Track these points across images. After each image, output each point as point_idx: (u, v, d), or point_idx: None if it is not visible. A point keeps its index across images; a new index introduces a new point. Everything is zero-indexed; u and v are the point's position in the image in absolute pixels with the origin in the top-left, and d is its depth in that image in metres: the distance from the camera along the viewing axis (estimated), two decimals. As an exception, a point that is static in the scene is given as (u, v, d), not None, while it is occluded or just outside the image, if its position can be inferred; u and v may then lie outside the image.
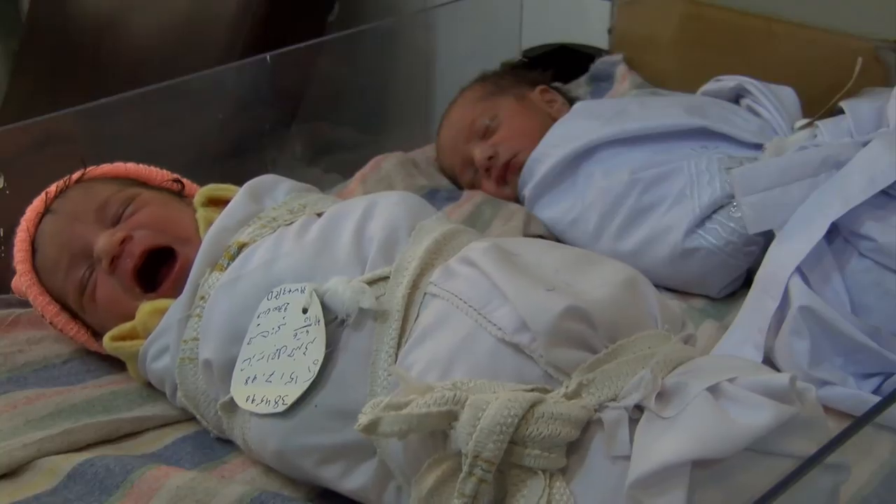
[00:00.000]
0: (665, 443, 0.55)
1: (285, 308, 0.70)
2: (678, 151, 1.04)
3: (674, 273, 1.00)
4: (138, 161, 0.94)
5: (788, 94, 1.10)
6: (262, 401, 0.69)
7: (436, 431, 0.59)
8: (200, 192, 0.88)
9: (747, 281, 0.97)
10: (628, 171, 1.02)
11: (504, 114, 1.18)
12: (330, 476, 0.69)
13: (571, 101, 1.22)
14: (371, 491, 0.68)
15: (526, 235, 1.07)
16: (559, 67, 1.34)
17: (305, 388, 0.67)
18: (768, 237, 0.93)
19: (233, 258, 0.77)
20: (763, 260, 0.90)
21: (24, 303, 0.90)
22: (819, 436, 0.60)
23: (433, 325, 0.66)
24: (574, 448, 0.59)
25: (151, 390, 0.84)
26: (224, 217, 0.80)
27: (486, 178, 1.17)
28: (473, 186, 1.19)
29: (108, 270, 0.81)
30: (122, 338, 0.82)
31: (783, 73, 1.14)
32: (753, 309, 0.87)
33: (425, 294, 0.68)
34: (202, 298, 0.76)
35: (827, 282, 0.86)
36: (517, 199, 1.15)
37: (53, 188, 0.88)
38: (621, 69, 1.38)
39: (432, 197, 1.16)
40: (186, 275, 0.81)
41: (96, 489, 0.71)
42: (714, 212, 0.98)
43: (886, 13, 1.14)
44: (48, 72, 1.70)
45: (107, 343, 0.82)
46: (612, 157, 1.06)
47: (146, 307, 0.80)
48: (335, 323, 0.69)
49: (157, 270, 0.82)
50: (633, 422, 0.58)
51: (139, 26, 1.59)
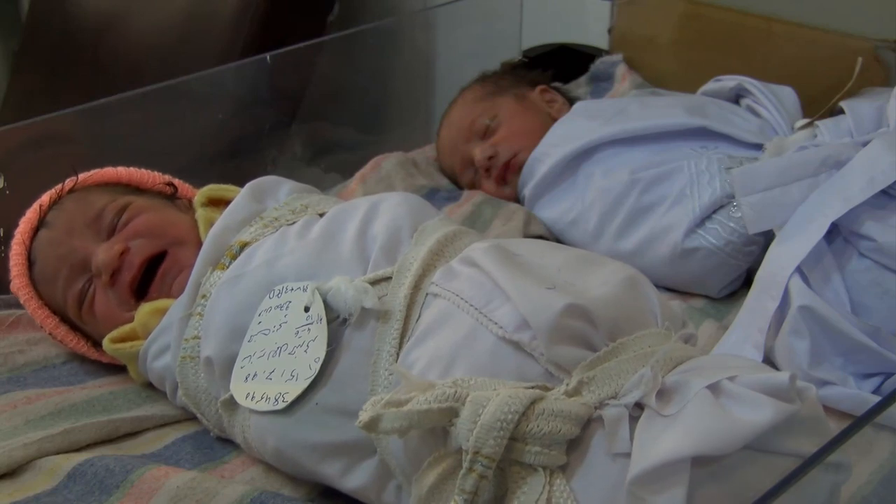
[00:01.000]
0: (665, 440, 0.55)
1: (287, 306, 0.70)
2: (678, 151, 1.04)
3: (674, 273, 1.00)
4: (138, 161, 0.94)
5: (788, 94, 1.10)
6: (263, 398, 0.69)
7: (436, 429, 0.59)
8: (201, 192, 0.88)
9: (747, 281, 0.97)
10: (628, 171, 1.02)
11: (504, 114, 1.18)
12: (330, 474, 0.69)
13: (571, 101, 1.22)
14: (371, 490, 0.68)
15: (526, 235, 1.07)
16: (559, 67, 1.34)
17: (306, 386, 0.67)
18: (768, 237, 0.93)
19: (235, 257, 0.77)
20: (763, 260, 0.90)
21: (24, 303, 0.90)
22: (819, 434, 0.60)
23: (435, 324, 0.66)
24: (574, 445, 0.59)
25: (151, 390, 0.84)
26: (226, 216, 0.81)
27: (486, 178, 1.17)
28: (473, 186, 1.19)
29: (108, 284, 0.81)
30: (122, 339, 0.82)
31: (783, 73, 1.14)
32: (753, 309, 0.87)
33: (427, 294, 0.68)
34: (203, 297, 0.76)
35: (827, 282, 0.87)
36: (517, 199, 1.15)
37: (46, 199, 0.88)
38: (621, 69, 1.38)
39: (432, 197, 1.16)
40: (173, 275, 0.81)
41: (96, 489, 0.71)
42: (714, 212, 0.98)
43: (886, 13, 1.14)
44: (48, 72, 1.70)
45: (106, 345, 0.82)
46: (613, 157, 1.06)
47: (145, 308, 0.80)
48: (337, 322, 0.69)
49: (152, 276, 0.83)
50: (634, 419, 0.58)
51: (139, 26, 1.59)
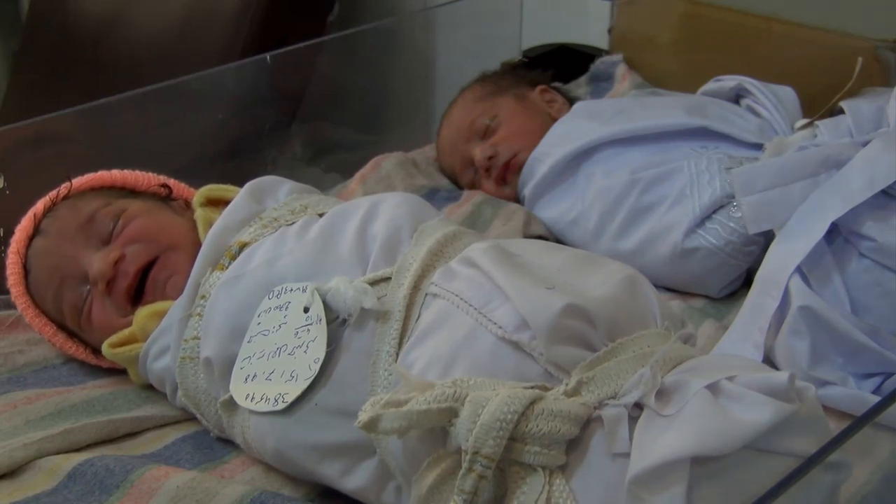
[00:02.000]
0: (665, 440, 0.55)
1: (286, 307, 0.70)
2: (678, 151, 1.04)
3: (674, 273, 1.00)
4: (138, 162, 0.94)
5: (788, 94, 1.10)
6: (262, 399, 0.69)
7: (435, 430, 0.59)
8: (200, 193, 0.88)
9: (747, 281, 0.97)
10: (628, 171, 1.02)
11: (504, 114, 1.18)
12: (330, 474, 0.69)
13: (571, 101, 1.22)
14: (371, 490, 0.68)
15: (526, 235, 1.07)
16: (559, 67, 1.34)
17: (306, 387, 0.67)
18: (768, 237, 0.93)
19: (234, 257, 0.77)
20: (763, 260, 0.90)
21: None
22: (818, 434, 0.60)
23: (434, 325, 0.66)
24: (574, 445, 0.59)
25: (151, 390, 0.84)
26: (225, 217, 0.81)
27: (486, 178, 1.17)
28: (473, 186, 1.19)
29: (105, 293, 0.81)
30: (121, 344, 0.82)
31: (783, 73, 1.14)
32: (753, 309, 0.87)
33: (426, 294, 0.68)
34: (203, 297, 0.76)
35: (827, 282, 0.86)
36: (517, 199, 1.15)
37: (41, 207, 0.88)
38: (621, 69, 1.38)
39: (432, 197, 1.16)
40: (164, 279, 0.81)
41: (96, 489, 0.71)
42: (714, 212, 0.98)
43: (886, 13, 1.14)
44: (48, 72, 1.70)
45: (106, 350, 0.82)
46: (613, 157, 1.06)
47: (143, 311, 0.80)
48: (336, 322, 0.69)
49: (145, 280, 0.83)
50: (633, 419, 0.58)
51: (139, 26, 1.59)
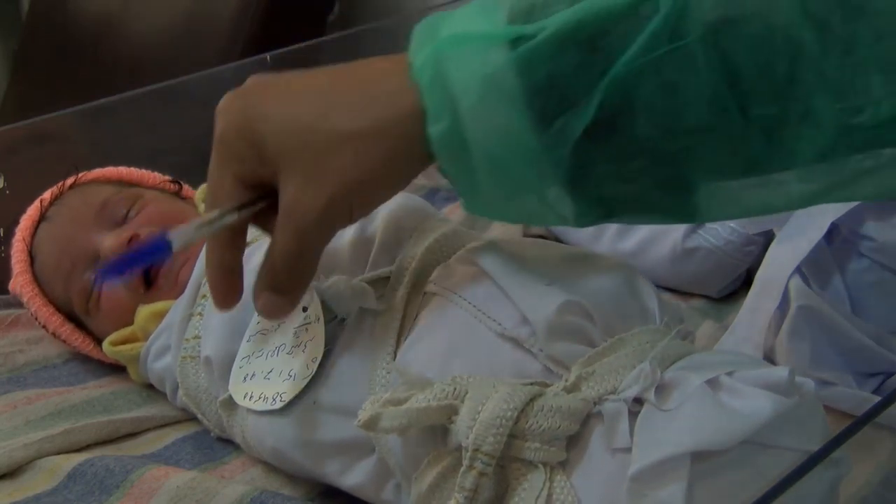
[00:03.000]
0: (665, 435, 0.55)
1: None
2: (678, 151, 1.04)
3: (674, 273, 1.00)
4: (138, 161, 0.94)
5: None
6: (261, 398, 0.69)
7: (435, 428, 0.59)
8: (201, 190, 0.88)
9: (747, 281, 0.97)
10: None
11: None
12: (328, 472, 0.69)
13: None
14: (369, 488, 0.68)
15: (526, 235, 1.07)
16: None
17: (303, 386, 0.67)
18: (768, 237, 0.93)
19: (235, 256, 0.77)
20: (763, 260, 0.90)
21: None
22: (818, 429, 0.60)
23: (432, 323, 0.66)
24: (574, 441, 0.59)
25: (151, 391, 0.85)
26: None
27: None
28: (473, 186, 1.19)
29: None
30: (122, 342, 0.82)
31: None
32: (753, 309, 0.87)
33: (425, 293, 0.68)
34: (204, 297, 0.76)
35: (827, 282, 0.86)
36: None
37: (48, 195, 0.87)
38: (621, 69, 1.38)
39: (432, 197, 1.16)
40: (181, 262, 0.81)
41: (96, 489, 0.71)
42: (714, 211, 0.98)
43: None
44: (48, 72, 1.71)
45: (106, 348, 0.82)
46: (613, 157, 1.06)
47: (143, 311, 0.80)
48: (334, 322, 0.69)
49: (158, 269, 0.82)
50: (633, 415, 0.58)
51: (139, 26, 1.59)
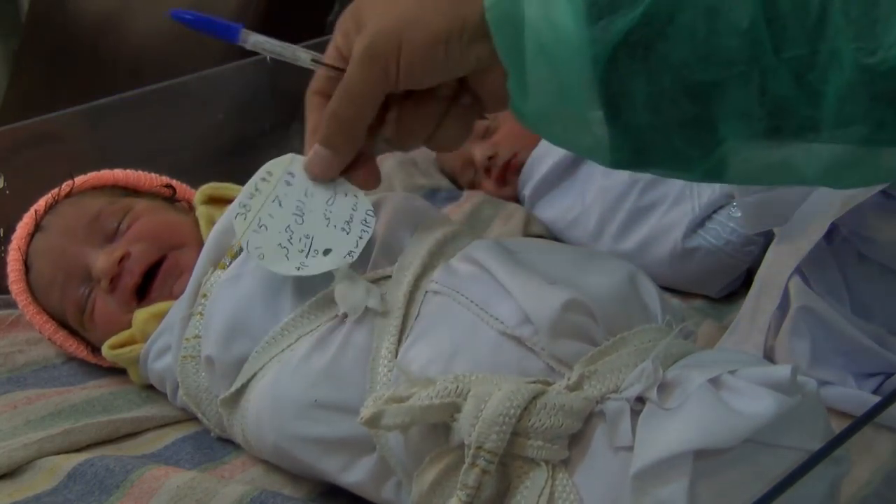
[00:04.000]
0: (668, 434, 0.55)
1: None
2: (678, 151, 1.04)
3: (674, 273, 1.00)
4: (138, 162, 0.94)
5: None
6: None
7: (437, 426, 0.59)
8: (201, 191, 0.88)
9: (747, 281, 0.97)
10: (628, 171, 1.02)
11: (505, 113, 1.18)
12: (329, 470, 0.69)
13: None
14: (370, 485, 0.68)
15: (526, 235, 1.07)
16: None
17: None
18: (768, 237, 0.93)
19: (235, 256, 0.77)
20: (763, 260, 0.90)
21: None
22: (820, 428, 0.60)
23: (435, 321, 0.66)
24: (576, 440, 0.59)
25: (151, 391, 0.85)
26: (227, 216, 0.81)
27: (486, 178, 1.17)
28: (473, 186, 1.19)
29: (108, 290, 0.81)
30: (121, 345, 0.82)
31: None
32: (753, 309, 0.87)
33: (427, 292, 0.68)
34: (204, 296, 0.76)
35: (827, 282, 0.86)
36: (517, 199, 1.15)
37: (42, 203, 0.88)
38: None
39: (432, 197, 1.16)
40: (175, 277, 0.81)
41: (96, 489, 0.71)
42: (714, 211, 0.98)
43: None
44: (48, 72, 1.71)
45: (106, 352, 0.82)
46: (613, 157, 1.06)
47: (141, 314, 0.80)
48: (336, 319, 0.69)
49: (152, 278, 0.83)
50: (635, 413, 0.58)
51: (139, 26, 1.59)
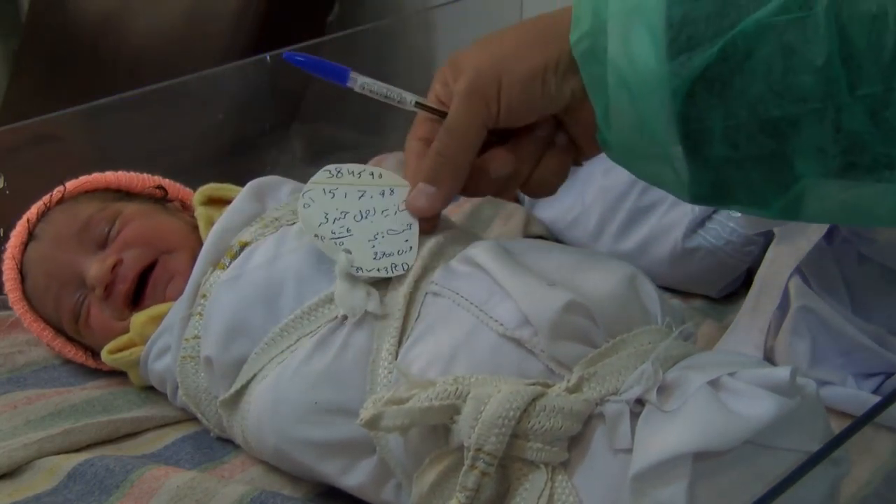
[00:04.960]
0: (667, 435, 0.56)
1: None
2: (678, 151, 1.03)
3: (674, 273, 1.00)
4: (137, 162, 0.94)
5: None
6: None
7: (437, 427, 0.60)
8: (200, 192, 0.88)
9: (747, 281, 0.97)
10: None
11: None
12: (329, 472, 0.69)
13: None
14: (370, 488, 0.68)
15: (526, 235, 1.07)
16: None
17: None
18: (768, 237, 0.93)
19: (235, 256, 0.77)
20: (763, 260, 0.90)
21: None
22: (820, 430, 0.60)
23: (434, 323, 0.66)
24: (576, 442, 0.59)
25: (151, 391, 0.85)
26: (227, 216, 0.81)
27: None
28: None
29: (103, 297, 0.81)
30: (120, 349, 0.82)
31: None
32: (753, 309, 0.87)
33: (427, 293, 0.68)
34: (203, 297, 0.76)
35: (827, 282, 0.86)
36: (517, 199, 1.15)
37: (34, 211, 0.88)
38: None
39: (432, 197, 1.16)
40: (165, 282, 0.81)
41: (96, 489, 0.71)
42: (714, 211, 0.98)
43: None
44: (48, 72, 1.70)
45: (105, 357, 0.82)
46: (613, 157, 1.06)
47: (139, 317, 0.80)
48: (336, 321, 0.69)
49: (146, 283, 0.83)
50: (635, 415, 0.58)
51: (139, 26, 1.59)
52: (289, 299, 0.71)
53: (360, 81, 0.70)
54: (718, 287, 1.01)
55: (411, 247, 0.70)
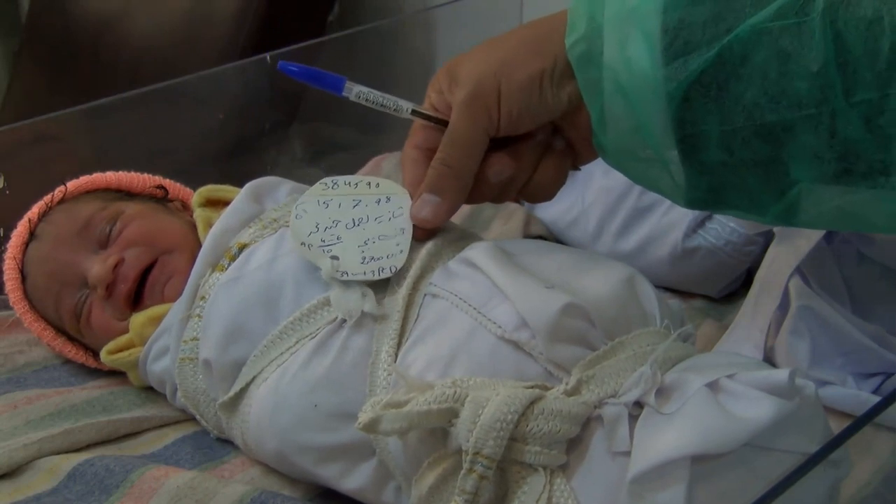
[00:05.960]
0: (665, 438, 0.55)
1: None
2: (678, 151, 1.03)
3: (674, 273, 1.00)
4: (138, 162, 0.94)
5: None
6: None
7: (436, 430, 0.59)
8: (199, 193, 0.88)
9: (747, 281, 0.97)
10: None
11: None
12: (329, 475, 0.69)
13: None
14: (370, 490, 0.68)
15: (526, 236, 1.07)
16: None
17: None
18: (768, 237, 0.93)
19: (234, 258, 0.77)
20: (763, 260, 0.90)
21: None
22: (819, 432, 0.60)
23: (433, 325, 0.66)
24: (574, 445, 0.59)
25: (151, 391, 0.85)
26: (225, 218, 0.81)
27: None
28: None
29: (104, 297, 0.81)
30: (119, 350, 0.82)
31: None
32: (753, 309, 0.87)
33: (425, 295, 0.68)
34: (202, 298, 0.76)
35: (827, 282, 0.86)
36: (517, 199, 1.15)
37: (36, 211, 0.88)
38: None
39: (432, 197, 1.16)
40: (163, 282, 0.82)
41: (96, 489, 0.71)
42: (714, 212, 0.99)
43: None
44: (48, 72, 1.70)
45: (104, 358, 0.82)
46: (613, 157, 1.06)
47: (139, 318, 0.80)
48: (335, 323, 0.69)
49: (143, 283, 0.83)
50: (633, 418, 0.58)
51: (139, 26, 1.59)
52: (288, 301, 0.71)
53: (356, 90, 0.70)
54: (718, 287, 1.00)
55: (402, 250, 0.70)
